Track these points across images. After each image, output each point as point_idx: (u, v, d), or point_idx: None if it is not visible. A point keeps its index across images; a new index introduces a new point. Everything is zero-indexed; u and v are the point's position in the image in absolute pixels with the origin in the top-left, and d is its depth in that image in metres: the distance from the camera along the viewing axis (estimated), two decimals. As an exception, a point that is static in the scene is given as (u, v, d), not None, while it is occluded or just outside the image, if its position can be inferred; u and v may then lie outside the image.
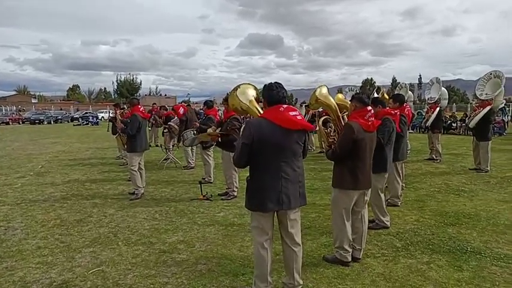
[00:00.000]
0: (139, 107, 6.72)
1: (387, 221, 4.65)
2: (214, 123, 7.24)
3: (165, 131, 10.22)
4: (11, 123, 33.55)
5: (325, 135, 3.99)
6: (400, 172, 5.69)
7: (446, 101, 11.88)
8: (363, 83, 76.15)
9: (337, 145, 3.58)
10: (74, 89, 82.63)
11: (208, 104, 7.56)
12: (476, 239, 4.32)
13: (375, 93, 11.35)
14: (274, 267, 3.30)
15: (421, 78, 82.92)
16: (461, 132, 19.03)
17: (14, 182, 7.67)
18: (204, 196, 6.19)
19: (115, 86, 68.62)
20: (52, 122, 36.04)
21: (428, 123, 10.28)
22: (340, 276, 3.44)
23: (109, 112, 39.15)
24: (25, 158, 11.29)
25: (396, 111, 4.89)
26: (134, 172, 6.33)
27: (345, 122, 3.84)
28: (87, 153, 12.40)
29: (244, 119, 6.42)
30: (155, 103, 14.76)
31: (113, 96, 72.51)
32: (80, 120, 35.32)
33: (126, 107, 9.13)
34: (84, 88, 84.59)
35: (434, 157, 10.04)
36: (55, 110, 45.03)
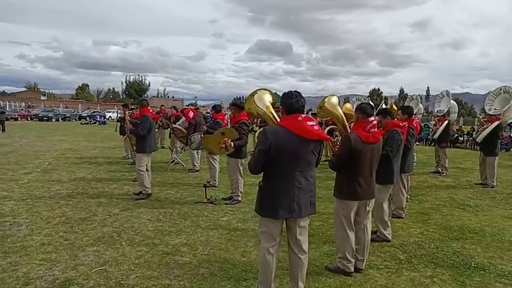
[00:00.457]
0: (148, 108, 6.75)
1: (389, 234, 4.61)
2: (222, 128, 7.27)
3: (172, 131, 10.22)
4: (19, 119, 33.83)
5: (330, 144, 4.01)
6: (405, 184, 5.68)
7: (456, 114, 11.81)
8: (370, 93, 76.04)
9: (335, 155, 3.59)
10: (83, 87, 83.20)
11: (216, 108, 7.60)
12: (481, 254, 4.29)
13: (383, 104, 11.33)
14: (277, 274, 3.29)
15: (429, 90, 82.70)
16: (468, 146, 18.91)
17: (21, 178, 7.73)
18: (208, 200, 6.21)
19: (124, 87, 69.20)
20: (60, 120, 36.32)
21: (436, 136, 10.24)
22: (342, 286, 3.43)
23: (117, 112, 39.37)
24: (32, 154, 11.38)
25: (405, 124, 4.89)
26: (142, 172, 6.36)
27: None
28: (94, 152, 12.47)
29: (251, 124, 6.45)
30: (163, 105, 14.91)
31: (121, 96, 72.98)
32: (88, 119, 35.55)
33: (133, 107, 9.18)
34: (93, 87, 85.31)
35: (440, 170, 9.97)
36: (63, 107, 45.36)
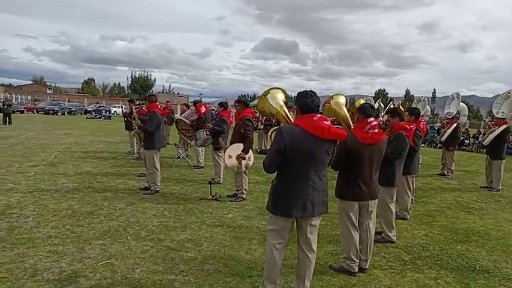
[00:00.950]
0: (157, 104, 6.74)
1: (393, 235, 4.61)
2: (227, 125, 7.28)
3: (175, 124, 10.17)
4: (25, 112, 34.04)
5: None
6: (410, 186, 5.66)
7: (466, 117, 11.73)
8: (375, 94, 75.78)
9: (334, 156, 3.61)
10: (89, 82, 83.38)
11: (223, 106, 7.60)
12: (485, 257, 4.29)
13: (391, 104, 11.30)
14: (282, 272, 3.31)
15: (435, 92, 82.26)
16: (474, 149, 18.82)
17: (27, 171, 7.79)
18: (213, 196, 6.23)
19: (129, 82, 69.44)
20: (66, 114, 36.48)
21: (443, 139, 10.19)
22: (346, 285, 3.44)
23: (121, 107, 39.49)
24: (38, 147, 11.45)
25: (412, 126, 4.87)
26: (155, 169, 6.40)
27: None
28: (99, 147, 12.54)
29: (256, 121, 6.45)
30: (169, 101, 14.94)
31: (126, 91, 73.17)
32: (93, 113, 35.67)
33: (140, 103, 9.19)
34: (99, 82, 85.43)
35: (446, 173, 9.94)
36: (69, 101, 45.60)
